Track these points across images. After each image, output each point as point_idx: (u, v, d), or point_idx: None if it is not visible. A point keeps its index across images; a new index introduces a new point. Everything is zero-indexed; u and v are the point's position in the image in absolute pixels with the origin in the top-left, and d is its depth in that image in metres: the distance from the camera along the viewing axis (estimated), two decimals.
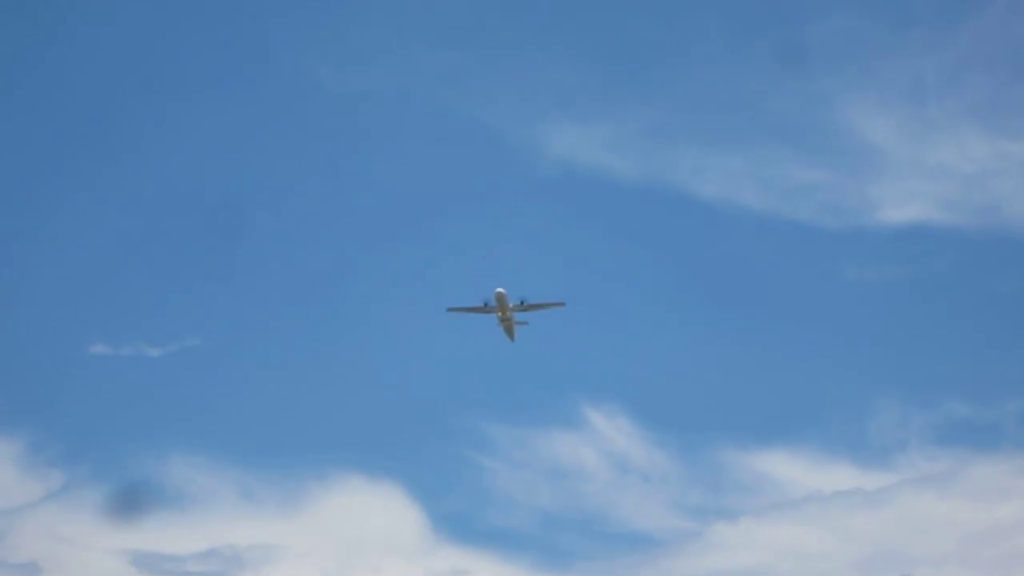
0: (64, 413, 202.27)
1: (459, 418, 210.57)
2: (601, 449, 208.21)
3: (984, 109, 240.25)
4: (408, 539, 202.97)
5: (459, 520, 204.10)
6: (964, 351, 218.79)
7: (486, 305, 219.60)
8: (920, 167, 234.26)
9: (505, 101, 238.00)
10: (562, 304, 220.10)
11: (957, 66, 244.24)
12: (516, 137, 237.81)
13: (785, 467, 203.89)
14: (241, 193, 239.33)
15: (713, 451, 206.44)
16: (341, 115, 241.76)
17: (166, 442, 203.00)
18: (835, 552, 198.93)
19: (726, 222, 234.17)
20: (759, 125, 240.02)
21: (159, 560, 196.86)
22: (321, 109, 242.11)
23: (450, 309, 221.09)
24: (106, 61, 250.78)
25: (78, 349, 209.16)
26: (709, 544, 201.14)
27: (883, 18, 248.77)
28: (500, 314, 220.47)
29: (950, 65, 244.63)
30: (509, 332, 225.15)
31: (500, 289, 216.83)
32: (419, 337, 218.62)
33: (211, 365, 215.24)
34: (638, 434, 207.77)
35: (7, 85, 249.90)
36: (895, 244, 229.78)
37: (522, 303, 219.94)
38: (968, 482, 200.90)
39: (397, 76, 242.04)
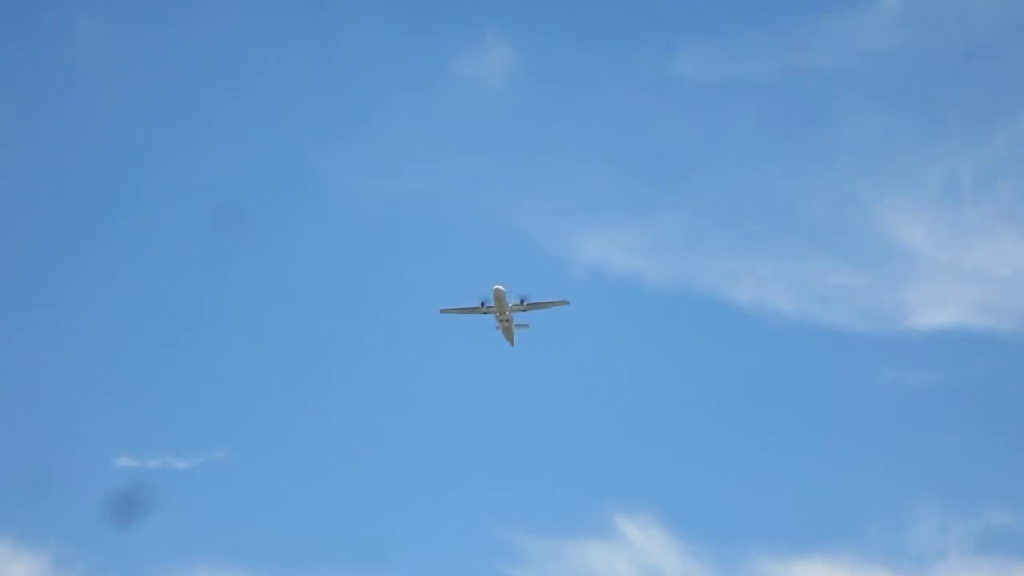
0: (90, 528, 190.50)
1: (490, 530, 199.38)
2: (635, 561, 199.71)
3: (1020, 211, 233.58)
4: None
5: None
6: (1004, 457, 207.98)
7: (483, 305, 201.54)
8: (955, 270, 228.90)
9: (534, 205, 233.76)
10: (566, 302, 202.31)
11: (992, 167, 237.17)
12: (545, 241, 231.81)
13: None
14: (266, 299, 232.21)
15: (749, 561, 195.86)
16: (368, 219, 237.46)
17: (192, 555, 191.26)
18: None
19: (759, 327, 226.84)
20: (792, 228, 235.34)
21: None
22: (348, 213, 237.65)
23: (443, 311, 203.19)
24: (135, 190, 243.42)
25: (104, 462, 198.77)
26: None
27: (916, 118, 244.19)
28: (499, 315, 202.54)
29: (984, 166, 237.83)
30: (509, 335, 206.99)
31: (499, 286, 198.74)
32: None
33: (239, 476, 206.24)
34: (672, 545, 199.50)
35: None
36: (931, 348, 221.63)
37: (522, 302, 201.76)
38: None
39: (425, 180, 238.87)
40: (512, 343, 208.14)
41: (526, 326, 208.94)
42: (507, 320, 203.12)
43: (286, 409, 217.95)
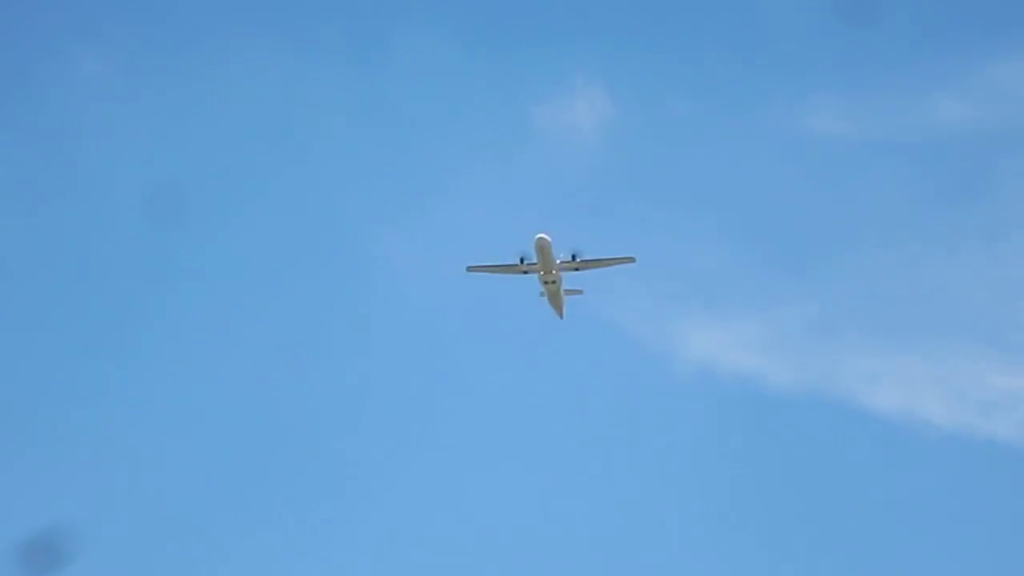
0: None
1: None
2: None
3: None
4: None
5: None
6: None
7: (523, 262, 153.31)
8: None
9: (631, 290, 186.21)
10: (632, 259, 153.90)
11: None
12: (645, 334, 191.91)
13: None
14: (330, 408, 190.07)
15: None
16: (433, 311, 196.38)
17: None
18: None
19: (906, 440, 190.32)
20: (946, 320, 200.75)
21: None
22: (410, 303, 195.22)
23: (471, 269, 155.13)
24: (144, 272, 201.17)
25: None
26: None
27: None
28: (543, 274, 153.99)
29: None
30: (557, 304, 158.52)
31: (543, 234, 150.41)
32: None
33: None
34: None
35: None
36: None
37: (574, 258, 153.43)
38: None
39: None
40: (561, 315, 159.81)
41: (579, 292, 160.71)
42: (554, 282, 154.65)
43: None
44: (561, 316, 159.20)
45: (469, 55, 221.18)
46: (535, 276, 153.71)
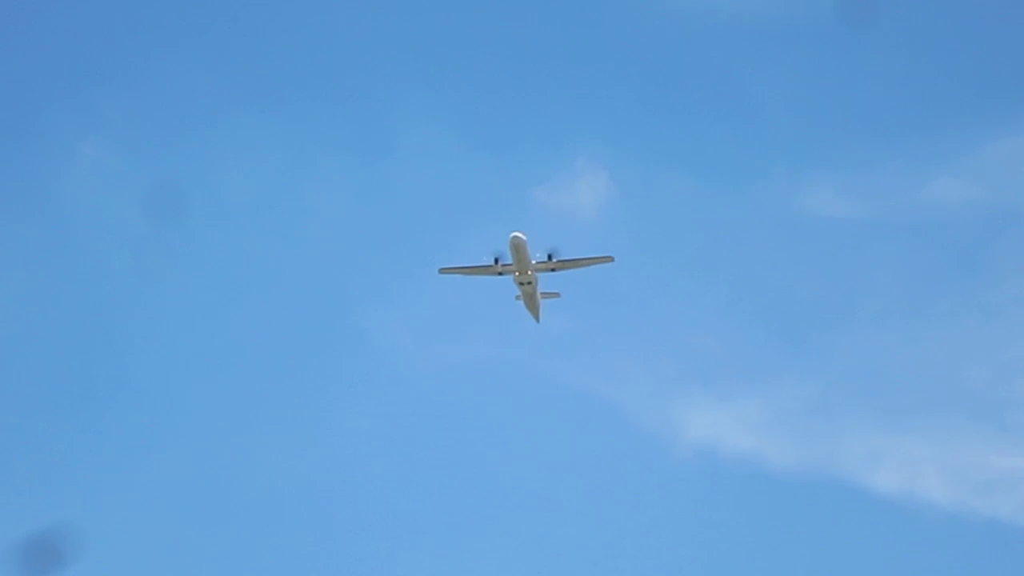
0: None
1: None
2: None
3: None
4: None
5: None
6: None
7: (497, 262, 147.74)
8: None
9: (630, 371, 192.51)
10: (610, 259, 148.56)
11: None
12: (644, 415, 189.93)
13: None
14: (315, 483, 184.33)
15: None
16: (430, 393, 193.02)
17: None
18: None
19: (907, 519, 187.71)
20: (946, 400, 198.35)
21: None
22: (406, 386, 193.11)
23: (443, 270, 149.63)
24: (140, 356, 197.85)
25: None
26: None
27: None
28: (518, 275, 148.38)
29: None
30: (533, 307, 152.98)
31: (518, 233, 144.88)
32: None
33: None
34: None
35: None
36: None
37: (550, 258, 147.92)
38: None
39: (500, 346, 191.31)
40: (538, 318, 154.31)
41: (556, 295, 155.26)
42: (530, 283, 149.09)
43: None
44: (538, 320, 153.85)
45: (470, 137, 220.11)
46: (510, 277, 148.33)
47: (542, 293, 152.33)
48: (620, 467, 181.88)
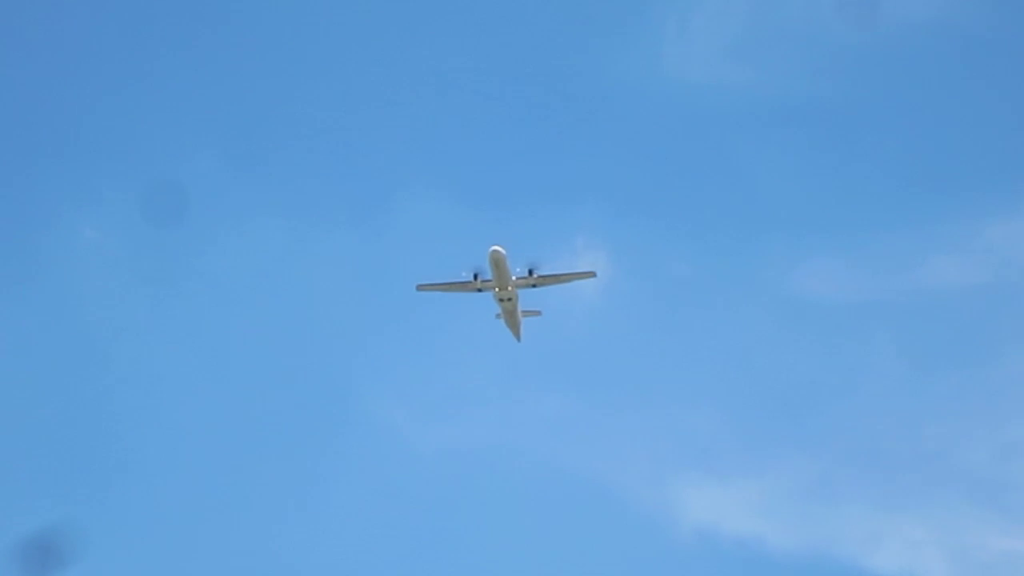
0: None
1: None
2: None
3: None
4: None
5: None
6: None
7: (476, 278, 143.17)
8: None
9: (627, 454, 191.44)
10: (593, 274, 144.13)
11: None
12: (643, 499, 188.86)
13: None
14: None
15: None
16: (427, 477, 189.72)
17: None
18: None
19: None
20: (946, 480, 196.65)
21: None
22: (403, 469, 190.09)
23: (421, 287, 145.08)
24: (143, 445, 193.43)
25: None
26: None
27: None
28: (498, 290, 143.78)
29: None
30: (513, 324, 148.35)
31: (497, 247, 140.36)
32: None
33: None
34: None
35: None
36: None
37: (531, 273, 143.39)
38: None
39: (497, 428, 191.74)
40: (518, 337, 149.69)
41: (537, 313, 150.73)
42: (511, 299, 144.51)
43: None
44: (519, 338, 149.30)
45: (470, 217, 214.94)
46: (490, 294, 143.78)
47: (523, 311, 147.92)
48: (620, 550, 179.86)
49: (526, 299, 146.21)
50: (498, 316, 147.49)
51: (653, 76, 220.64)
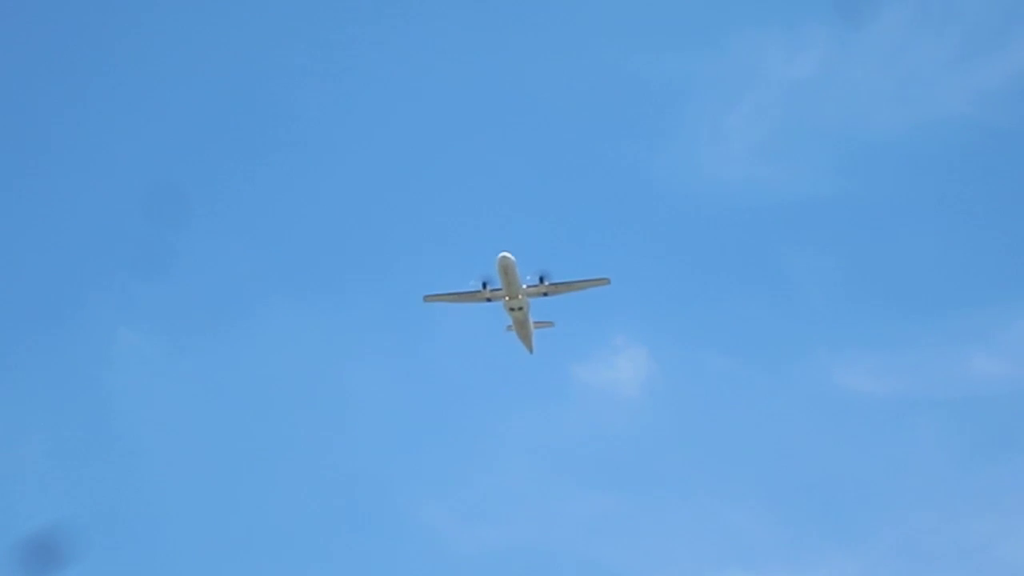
0: None
1: None
2: None
3: None
4: None
5: None
6: None
7: (485, 287, 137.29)
8: None
9: (668, 552, 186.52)
10: (607, 281, 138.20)
11: None
12: None
13: None
14: None
15: None
16: None
17: None
18: None
19: None
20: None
21: None
22: (442, 572, 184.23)
23: (428, 298, 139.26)
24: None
25: None
26: None
27: None
28: (508, 299, 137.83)
29: None
30: (524, 335, 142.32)
31: (506, 253, 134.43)
32: None
33: None
34: None
35: None
36: None
37: (542, 280, 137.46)
38: None
39: (538, 527, 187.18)
40: (531, 349, 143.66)
41: (550, 324, 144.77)
42: (521, 308, 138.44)
43: None
44: (531, 350, 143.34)
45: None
46: (500, 304, 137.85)
47: (535, 322, 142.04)
48: None
49: (539, 310, 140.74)
50: (509, 328, 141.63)
51: (689, 176, 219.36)
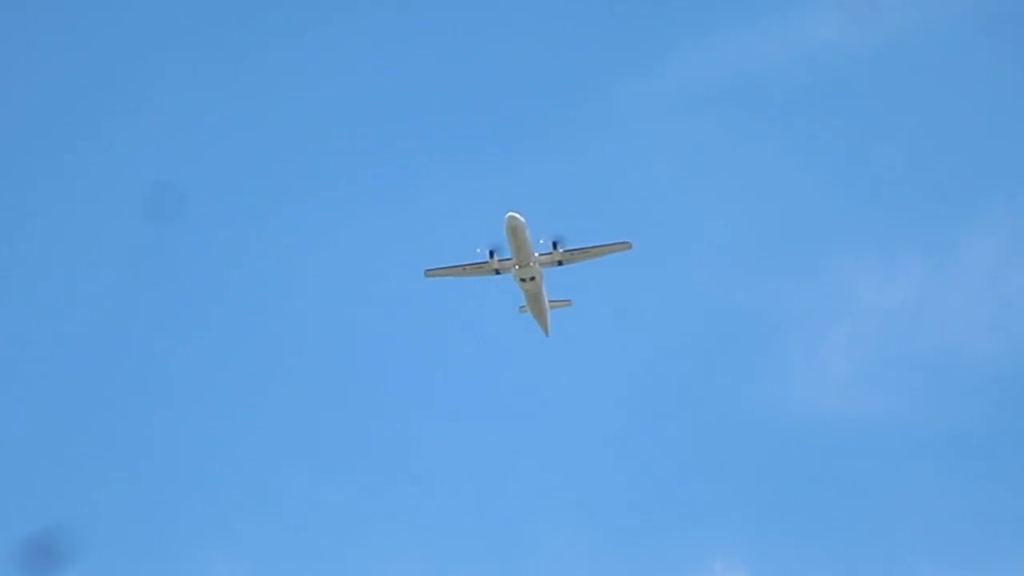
0: None
1: None
2: None
3: None
4: None
5: None
6: None
7: (492, 256, 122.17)
8: None
9: None
10: (628, 245, 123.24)
11: None
12: None
13: None
14: None
15: None
16: None
17: None
18: None
19: None
20: None
21: None
22: None
23: (429, 273, 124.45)
24: None
25: None
26: None
27: None
28: (518, 267, 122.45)
29: None
30: (539, 313, 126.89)
31: (514, 212, 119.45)
32: None
33: None
34: None
35: None
36: None
37: (556, 246, 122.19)
38: None
39: None
40: (547, 331, 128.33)
41: (567, 303, 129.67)
42: (533, 279, 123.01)
43: None
44: (547, 332, 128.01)
45: (602, 545, 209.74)
46: (510, 276, 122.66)
47: (551, 301, 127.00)
48: None
49: (551, 285, 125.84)
50: (522, 309, 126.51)
51: (782, 404, 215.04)
